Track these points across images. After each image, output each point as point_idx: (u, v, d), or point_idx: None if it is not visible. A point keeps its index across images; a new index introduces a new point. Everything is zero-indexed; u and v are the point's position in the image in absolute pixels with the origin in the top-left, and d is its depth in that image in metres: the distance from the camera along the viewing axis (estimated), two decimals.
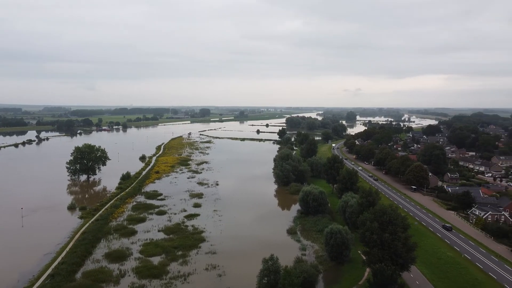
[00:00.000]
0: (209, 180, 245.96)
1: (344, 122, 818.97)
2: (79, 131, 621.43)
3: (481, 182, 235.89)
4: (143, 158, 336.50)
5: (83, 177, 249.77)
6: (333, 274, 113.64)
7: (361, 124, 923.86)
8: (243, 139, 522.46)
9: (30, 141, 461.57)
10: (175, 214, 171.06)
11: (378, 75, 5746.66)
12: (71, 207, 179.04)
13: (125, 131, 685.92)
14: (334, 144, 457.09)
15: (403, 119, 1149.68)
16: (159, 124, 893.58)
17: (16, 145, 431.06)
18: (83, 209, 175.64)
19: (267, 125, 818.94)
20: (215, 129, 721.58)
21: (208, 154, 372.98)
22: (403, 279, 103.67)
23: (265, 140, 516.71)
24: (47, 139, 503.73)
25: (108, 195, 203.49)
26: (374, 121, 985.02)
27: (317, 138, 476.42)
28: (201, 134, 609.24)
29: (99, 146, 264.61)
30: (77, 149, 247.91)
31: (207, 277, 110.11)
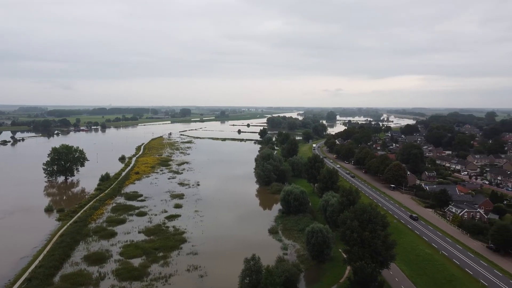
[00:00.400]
0: (190, 180, 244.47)
1: (324, 122, 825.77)
2: (56, 132, 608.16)
3: (457, 180, 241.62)
4: (122, 158, 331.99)
5: (61, 179, 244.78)
6: (314, 272, 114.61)
7: (341, 124, 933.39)
8: (224, 139, 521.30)
9: (4, 142, 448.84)
10: (156, 215, 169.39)
11: (357, 76, 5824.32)
12: (49, 209, 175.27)
13: (104, 131, 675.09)
14: (314, 144, 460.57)
15: (382, 118, 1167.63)
16: (139, 124, 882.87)
17: None
18: (61, 211, 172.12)
19: (248, 125, 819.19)
20: (196, 129, 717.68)
21: (189, 154, 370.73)
22: (383, 277, 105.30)
23: (246, 140, 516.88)
24: (23, 139, 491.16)
25: (86, 197, 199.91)
26: (353, 121, 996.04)
27: (298, 138, 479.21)
28: (181, 134, 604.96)
29: (77, 146, 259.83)
30: (54, 149, 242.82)
31: (188, 278, 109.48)
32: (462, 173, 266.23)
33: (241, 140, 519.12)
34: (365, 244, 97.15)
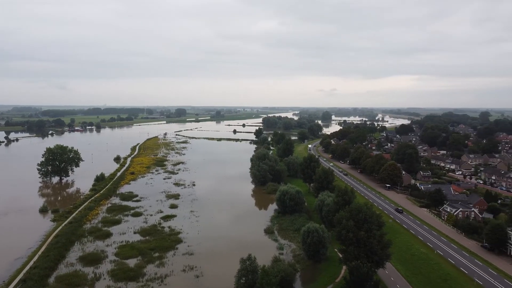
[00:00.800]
0: (185, 180, 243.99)
1: (319, 121, 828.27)
2: (50, 132, 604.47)
3: (452, 179, 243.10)
4: (117, 159, 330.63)
5: (56, 179, 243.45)
6: (310, 272, 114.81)
7: (336, 123, 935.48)
8: (219, 139, 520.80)
9: None
10: (151, 215, 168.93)
11: (352, 76, 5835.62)
12: (43, 210, 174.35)
13: (98, 131, 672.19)
14: (310, 144, 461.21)
15: (377, 118, 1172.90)
16: (134, 124, 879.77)
17: None
18: (55, 212, 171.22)
19: (243, 125, 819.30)
20: (191, 129, 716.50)
21: (184, 154, 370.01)
22: (379, 276, 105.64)
23: (242, 140, 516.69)
24: (17, 140, 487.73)
25: (81, 197, 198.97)
26: (349, 120, 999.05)
27: (294, 137, 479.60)
28: (177, 134, 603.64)
29: (72, 147, 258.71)
30: (49, 150, 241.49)
31: (184, 278, 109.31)
32: (456, 173, 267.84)
33: (237, 140, 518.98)
34: (360, 243, 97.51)
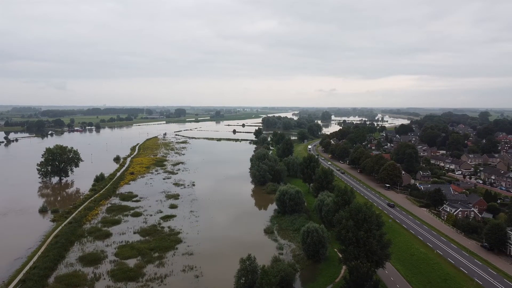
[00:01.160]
0: (185, 180, 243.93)
1: (319, 121, 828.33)
2: (50, 132, 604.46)
3: (451, 179, 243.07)
4: (117, 159, 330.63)
5: (55, 179, 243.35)
6: (310, 272, 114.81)
7: (336, 123, 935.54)
8: (219, 139, 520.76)
9: None
10: (151, 215, 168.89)
11: (351, 76, 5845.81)
12: (43, 210, 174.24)
13: (98, 131, 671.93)
14: (310, 144, 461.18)
15: (376, 118, 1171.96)
16: (134, 124, 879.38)
17: None
18: (55, 212, 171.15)
19: (243, 125, 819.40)
20: (191, 129, 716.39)
21: (184, 154, 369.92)
22: (378, 276, 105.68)
23: (242, 140, 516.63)
24: (16, 140, 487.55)
25: (81, 197, 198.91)
26: (348, 120, 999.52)
27: (293, 137, 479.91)
28: (176, 134, 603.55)
29: (71, 147, 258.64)
30: (48, 150, 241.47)
31: (184, 279, 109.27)
32: (456, 173, 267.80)
33: (236, 140, 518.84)
34: (360, 243, 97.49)
